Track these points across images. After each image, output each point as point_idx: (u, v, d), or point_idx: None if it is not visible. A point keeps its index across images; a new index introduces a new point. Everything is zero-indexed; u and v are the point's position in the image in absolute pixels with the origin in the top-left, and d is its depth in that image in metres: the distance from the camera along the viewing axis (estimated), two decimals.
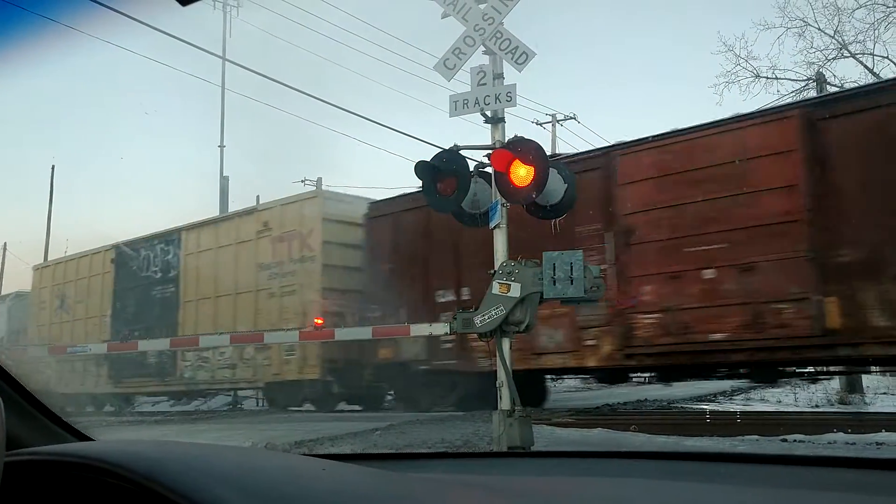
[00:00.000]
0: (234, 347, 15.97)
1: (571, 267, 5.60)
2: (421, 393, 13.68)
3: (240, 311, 16.34)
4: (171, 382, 18.04)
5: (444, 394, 13.30)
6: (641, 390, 16.41)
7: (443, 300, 13.05)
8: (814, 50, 20.98)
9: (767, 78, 21.21)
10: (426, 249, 13.43)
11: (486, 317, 5.79)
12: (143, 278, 19.07)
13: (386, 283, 13.79)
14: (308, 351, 14.87)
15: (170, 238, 18.68)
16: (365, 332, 11.85)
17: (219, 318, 16.77)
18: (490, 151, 6.14)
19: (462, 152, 6.23)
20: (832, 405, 14.16)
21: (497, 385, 5.95)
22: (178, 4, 1.23)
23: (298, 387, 15.44)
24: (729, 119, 10.68)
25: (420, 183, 6.22)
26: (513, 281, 5.74)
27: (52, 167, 34.18)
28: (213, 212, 25.13)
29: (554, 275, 5.61)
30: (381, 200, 14.91)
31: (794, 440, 7.95)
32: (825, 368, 12.32)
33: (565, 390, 17.93)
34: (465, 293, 12.63)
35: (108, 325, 19.61)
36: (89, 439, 1.64)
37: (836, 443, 7.72)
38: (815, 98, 15.71)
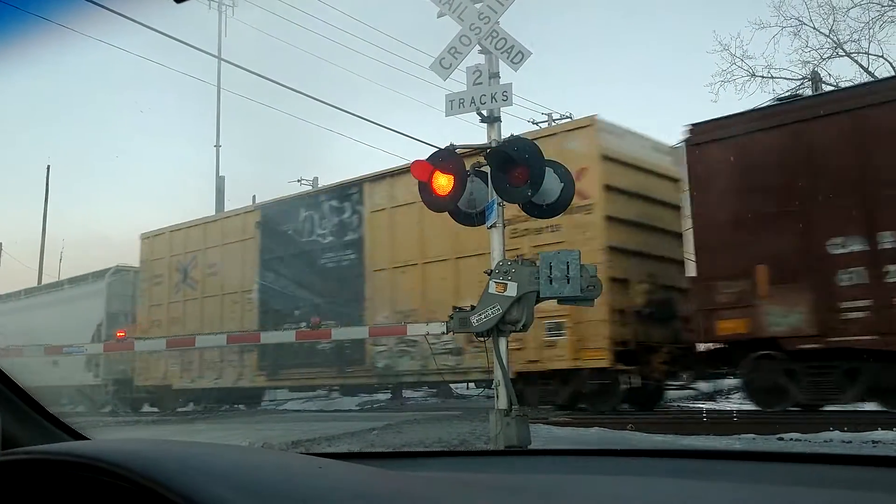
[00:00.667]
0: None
1: (568, 266, 5.61)
2: (786, 384, 9.87)
3: (465, 280, 12.69)
4: (355, 373, 14.53)
5: (835, 386, 9.58)
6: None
7: (841, 251, 9.40)
8: (809, 49, 21.02)
9: (763, 77, 21.23)
10: (806, 181, 9.76)
11: (482, 316, 5.80)
12: (304, 244, 15.46)
13: (728, 235, 10.19)
14: (588, 329, 11.36)
15: (346, 192, 15.01)
16: (361, 332, 11.82)
17: (429, 290, 13.27)
18: (486, 150, 6.15)
19: (458, 151, 6.23)
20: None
21: (494, 385, 5.96)
22: (172, 3, 1.23)
23: (567, 379, 11.83)
24: None
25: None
26: (509, 280, 5.75)
27: (48, 167, 34.03)
28: (210, 211, 24.66)
29: (550, 274, 5.62)
30: (713, 120, 11.25)
31: (791, 438, 7.98)
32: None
33: None
34: (887, 239, 9.14)
35: (255, 303, 16.30)
36: (85, 439, 1.64)
37: (833, 441, 7.76)
38: None
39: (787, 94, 15.67)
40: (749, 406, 11.02)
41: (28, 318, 21.74)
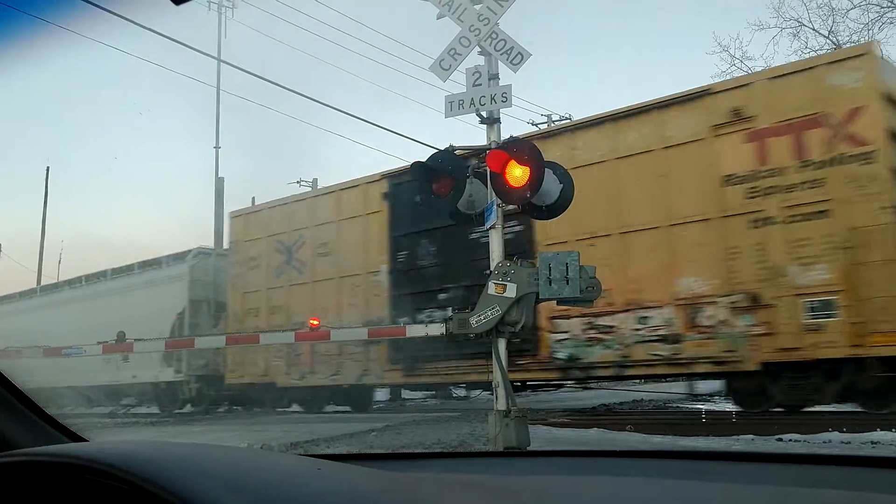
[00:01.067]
0: (676, 305, 10.46)
1: (567, 267, 5.61)
2: None
3: (680, 252, 10.52)
4: (528, 367, 12.04)
5: None
6: (637, 390, 16.41)
7: None
8: (808, 50, 20.99)
9: None
10: None
11: (481, 317, 5.80)
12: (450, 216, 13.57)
13: None
14: (876, 307, 9.16)
15: None
16: (361, 333, 11.69)
17: (630, 265, 11.02)
18: (485, 152, 6.15)
19: (457, 153, 6.24)
20: (827, 404, 14.20)
21: (493, 386, 5.96)
22: (171, 4, 1.23)
23: (837, 371, 9.61)
24: None
25: None
26: (508, 281, 5.75)
27: (47, 168, 33.98)
28: (209, 214, 24.19)
29: (550, 275, 5.61)
30: None
31: (790, 439, 7.99)
32: None
33: (562, 391, 17.93)
34: None
35: (385, 285, 14.09)
36: (83, 440, 1.64)
37: (832, 442, 7.77)
38: None
39: None
40: None
41: (91, 308, 19.43)
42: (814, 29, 20.61)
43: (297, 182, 31.76)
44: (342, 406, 15.99)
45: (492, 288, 5.81)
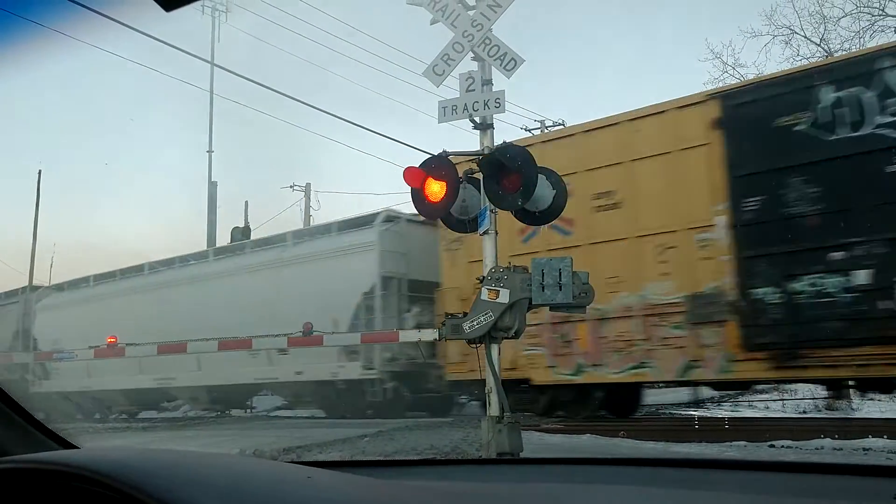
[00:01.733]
0: None
1: (560, 273, 5.61)
2: None
3: None
4: None
5: None
6: None
7: None
8: (800, 58, 21.11)
9: None
10: None
11: (474, 323, 5.79)
12: (841, 144, 9.17)
13: None
14: None
15: None
16: (353, 339, 11.59)
17: None
18: (479, 157, 6.16)
19: (451, 158, 6.24)
20: (819, 411, 14.27)
21: (486, 391, 5.96)
22: (163, 10, 1.22)
23: None
24: None
25: None
26: (501, 287, 5.75)
27: (39, 172, 33.77)
28: (202, 218, 24.35)
29: (542, 281, 5.62)
30: None
31: (782, 446, 8.02)
32: None
33: None
34: None
35: (725, 245, 9.95)
36: (74, 447, 1.63)
37: (824, 448, 7.80)
38: None
39: None
40: (740, 413, 11.04)
41: (238, 286, 15.97)
42: (805, 37, 20.73)
43: (291, 186, 31.68)
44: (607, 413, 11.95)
45: (485, 293, 5.81)
